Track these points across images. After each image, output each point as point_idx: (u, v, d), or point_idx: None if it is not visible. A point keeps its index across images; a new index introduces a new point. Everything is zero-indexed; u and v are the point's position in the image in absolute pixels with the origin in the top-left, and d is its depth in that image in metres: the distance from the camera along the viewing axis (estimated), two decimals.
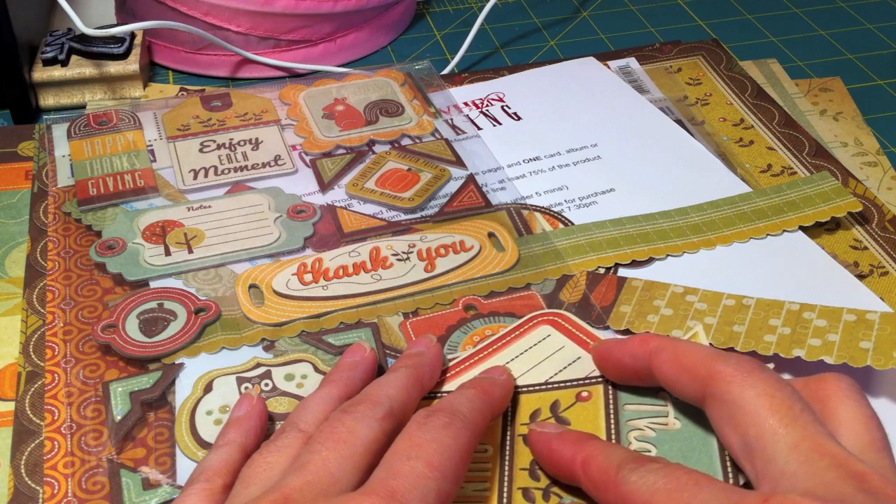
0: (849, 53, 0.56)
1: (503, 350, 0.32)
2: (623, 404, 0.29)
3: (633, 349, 0.28)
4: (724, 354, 0.26)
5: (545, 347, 0.32)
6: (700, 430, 0.27)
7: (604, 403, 0.29)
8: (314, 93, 0.49)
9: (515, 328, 0.33)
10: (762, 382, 0.24)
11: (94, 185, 0.42)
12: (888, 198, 0.44)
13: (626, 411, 0.28)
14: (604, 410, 0.29)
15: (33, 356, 0.34)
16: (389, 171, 0.44)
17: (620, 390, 0.29)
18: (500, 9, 0.61)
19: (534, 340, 0.32)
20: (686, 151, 0.46)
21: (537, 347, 0.32)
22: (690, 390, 0.26)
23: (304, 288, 0.37)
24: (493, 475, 0.27)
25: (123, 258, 0.38)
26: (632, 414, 0.28)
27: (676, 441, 0.27)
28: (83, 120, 0.46)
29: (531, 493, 0.27)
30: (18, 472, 0.31)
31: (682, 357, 0.26)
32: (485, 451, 0.28)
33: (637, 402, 0.29)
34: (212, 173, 0.43)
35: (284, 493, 0.23)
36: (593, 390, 0.29)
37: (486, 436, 0.29)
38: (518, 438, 0.28)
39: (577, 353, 0.32)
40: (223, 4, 0.51)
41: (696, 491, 0.22)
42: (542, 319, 0.33)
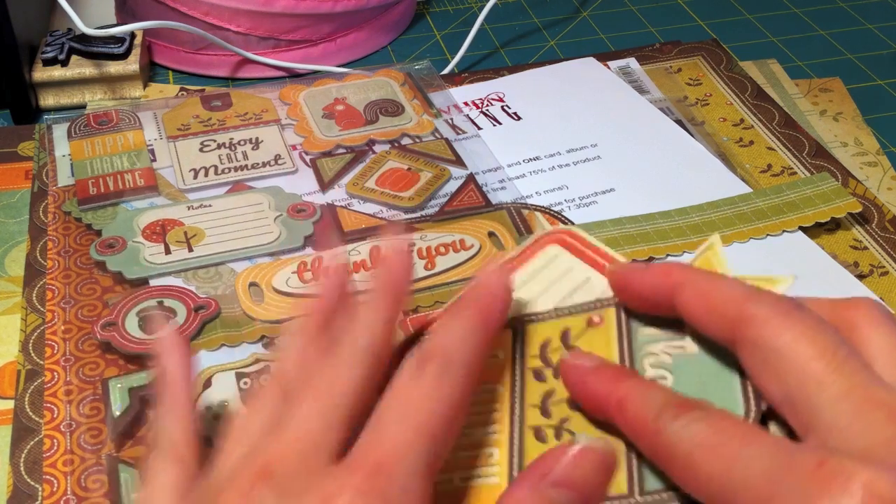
0: (849, 53, 0.56)
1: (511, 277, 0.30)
2: (636, 328, 0.27)
3: (654, 281, 0.25)
4: (756, 292, 0.23)
5: (553, 270, 0.29)
6: (719, 355, 0.25)
7: (616, 328, 0.27)
8: (314, 92, 0.49)
9: (522, 252, 0.30)
10: (801, 324, 0.21)
11: (94, 184, 0.42)
12: (888, 198, 0.44)
13: (639, 336, 0.26)
14: (616, 336, 0.26)
15: (33, 354, 0.34)
16: (389, 171, 0.44)
17: (633, 313, 0.27)
18: (500, 9, 0.61)
19: (540, 263, 0.30)
20: (686, 151, 0.46)
21: (545, 271, 0.30)
22: (720, 332, 0.23)
23: (305, 286, 0.37)
24: (502, 416, 0.26)
25: (123, 257, 0.38)
26: (646, 338, 0.26)
27: (694, 367, 0.25)
28: (83, 120, 0.46)
29: (543, 431, 0.25)
30: (18, 470, 0.31)
31: (710, 295, 0.23)
32: (494, 391, 0.27)
33: (651, 325, 0.26)
34: (212, 173, 0.43)
35: (264, 462, 0.22)
36: (605, 314, 0.27)
37: (495, 374, 0.27)
38: (529, 373, 0.27)
39: (586, 273, 0.29)
40: (223, 4, 0.51)
41: (742, 446, 0.20)
42: (550, 238, 0.30)
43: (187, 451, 0.25)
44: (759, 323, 0.22)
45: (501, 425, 0.26)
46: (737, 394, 0.24)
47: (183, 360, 0.27)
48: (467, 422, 0.26)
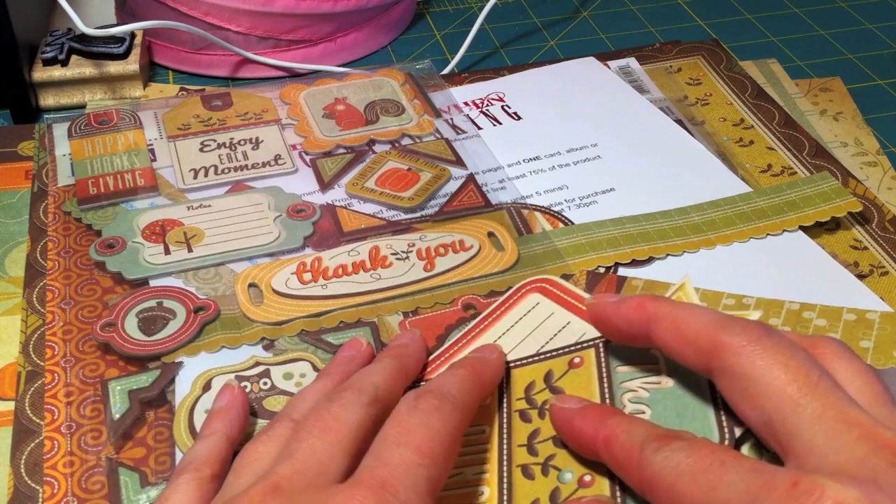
0: (849, 53, 0.56)
1: (494, 325, 0.32)
2: (615, 367, 0.28)
3: (629, 314, 0.26)
4: (728, 321, 0.24)
5: (534, 317, 0.32)
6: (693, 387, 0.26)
7: (596, 368, 0.28)
8: (314, 92, 0.49)
9: (504, 301, 0.33)
10: (774, 350, 0.23)
11: (94, 184, 0.42)
12: (888, 198, 0.44)
13: (618, 374, 0.28)
14: (596, 375, 0.28)
15: (33, 356, 0.34)
16: (389, 171, 0.44)
17: (612, 352, 0.29)
18: (500, 9, 0.61)
19: (523, 311, 0.32)
20: (686, 151, 0.46)
21: (527, 318, 0.32)
22: (696, 362, 0.24)
23: (304, 287, 0.37)
24: (491, 455, 0.27)
25: (123, 257, 0.38)
26: (624, 376, 0.28)
27: (670, 400, 0.26)
28: (84, 119, 0.46)
29: (530, 469, 0.26)
30: (18, 472, 0.31)
31: (684, 327, 0.24)
32: (482, 433, 0.28)
33: (628, 363, 0.28)
34: (212, 172, 0.43)
35: (274, 481, 0.23)
36: (585, 355, 0.29)
37: (482, 417, 0.28)
38: (515, 415, 0.28)
39: (566, 318, 0.31)
40: (223, 4, 0.51)
41: (721, 472, 0.21)
42: (530, 288, 0.33)
43: (207, 469, 0.27)
44: (734, 351, 0.23)
45: (491, 465, 0.27)
46: (711, 422, 0.25)
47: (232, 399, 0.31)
48: (458, 462, 0.27)
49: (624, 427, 0.24)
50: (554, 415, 0.27)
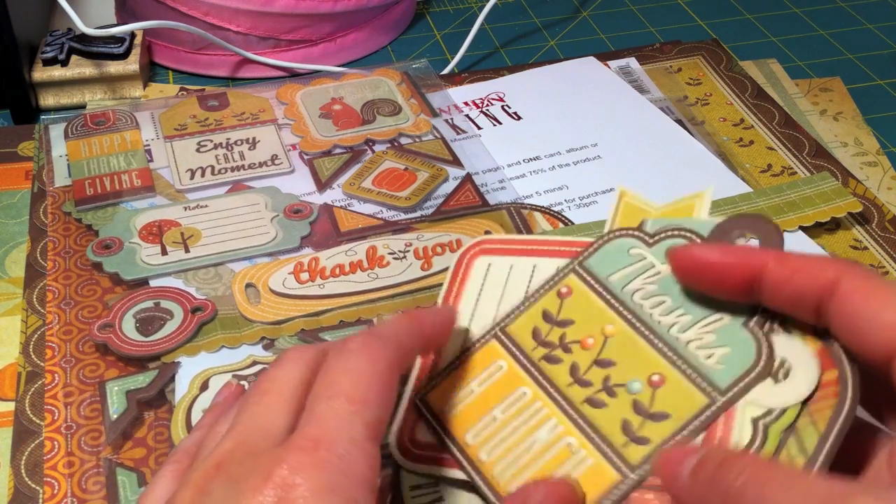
0: (849, 53, 0.56)
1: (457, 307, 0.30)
2: (606, 278, 0.27)
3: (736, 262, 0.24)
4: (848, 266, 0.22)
5: (496, 277, 0.30)
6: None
7: (588, 287, 0.28)
8: (311, 92, 0.49)
9: (452, 281, 0.30)
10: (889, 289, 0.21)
11: (90, 184, 0.42)
12: (888, 198, 0.44)
13: (612, 282, 0.27)
14: (593, 293, 0.27)
15: (33, 356, 0.35)
16: (386, 171, 0.44)
17: (593, 268, 0.28)
18: (500, 9, 0.61)
19: (479, 279, 0.30)
20: (686, 151, 0.46)
21: (489, 283, 0.30)
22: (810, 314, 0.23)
23: (301, 287, 0.37)
24: (550, 408, 0.26)
25: (120, 258, 0.38)
26: (620, 281, 0.27)
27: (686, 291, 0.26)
28: (80, 120, 0.46)
29: (595, 399, 0.26)
30: (18, 473, 0.31)
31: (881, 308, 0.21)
32: (524, 395, 0.27)
33: (615, 269, 0.27)
34: (209, 173, 0.43)
35: (217, 459, 0.23)
36: (568, 283, 0.28)
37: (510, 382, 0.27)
38: (542, 363, 0.27)
39: (528, 264, 0.29)
40: (223, 4, 0.51)
41: None
42: (472, 255, 0.30)
43: (187, 461, 0.27)
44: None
45: (557, 416, 0.26)
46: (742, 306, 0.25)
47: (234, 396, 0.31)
48: (524, 431, 0.26)
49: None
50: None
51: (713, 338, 0.25)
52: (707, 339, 0.25)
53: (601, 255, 0.28)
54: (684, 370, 0.25)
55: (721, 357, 0.25)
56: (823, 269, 0.22)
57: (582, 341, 0.27)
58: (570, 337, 0.27)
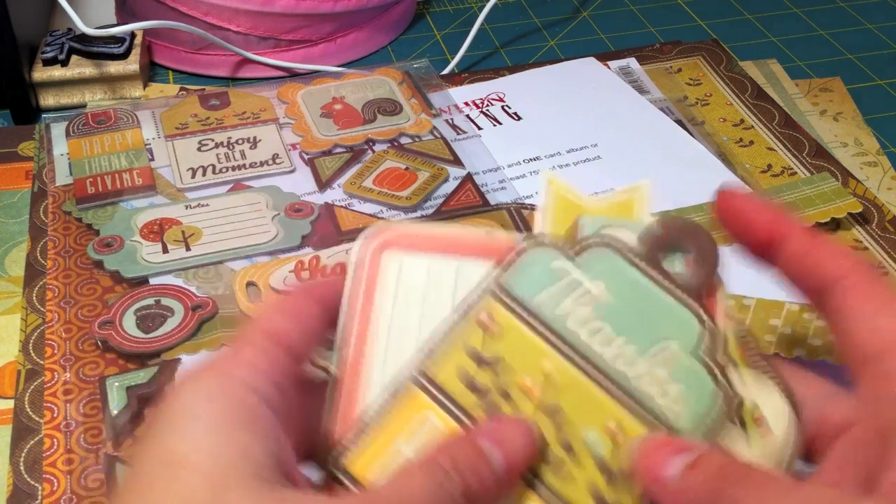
0: (849, 53, 0.56)
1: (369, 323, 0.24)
2: (529, 301, 0.23)
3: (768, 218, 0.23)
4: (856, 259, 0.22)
5: (412, 285, 0.24)
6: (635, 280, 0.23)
7: (511, 314, 0.23)
8: (312, 91, 0.49)
9: (356, 279, 0.24)
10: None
11: (92, 183, 0.42)
12: (888, 198, 0.44)
13: (539, 305, 0.23)
14: (520, 321, 0.23)
15: (33, 354, 0.35)
16: (387, 170, 0.44)
17: (510, 287, 0.23)
18: (500, 9, 0.61)
19: (391, 285, 0.24)
20: (686, 151, 0.46)
21: (403, 291, 0.24)
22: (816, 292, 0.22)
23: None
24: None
25: (121, 255, 0.38)
26: (549, 302, 0.23)
27: (618, 306, 0.23)
28: (82, 118, 0.47)
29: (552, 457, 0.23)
30: (18, 470, 0.31)
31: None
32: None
33: (541, 287, 0.23)
34: (210, 172, 0.43)
35: None
36: (488, 310, 0.23)
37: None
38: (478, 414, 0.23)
39: (449, 268, 0.24)
40: (223, 4, 0.51)
41: None
42: (378, 245, 0.24)
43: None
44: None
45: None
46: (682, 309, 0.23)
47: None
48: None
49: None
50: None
51: (664, 373, 0.23)
52: (658, 373, 0.23)
53: (520, 272, 0.24)
54: (641, 414, 0.22)
55: (676, 396, 0.22)
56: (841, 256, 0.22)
57: (520, 384, 0.23)
58: (504, 379, 0.23)
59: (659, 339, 0.23)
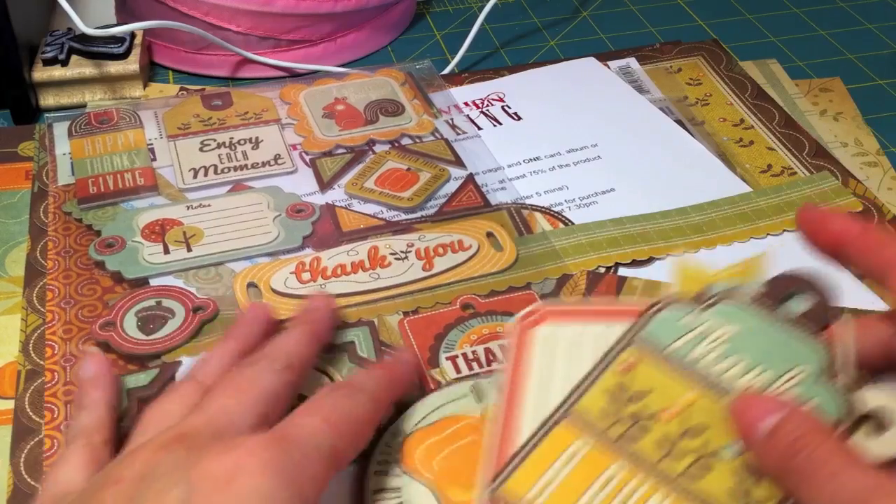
0: (849, 53, 0.56)
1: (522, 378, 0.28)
2: (667, 347, 0.27)
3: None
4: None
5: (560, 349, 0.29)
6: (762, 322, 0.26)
7: (653, 358, 0.27)
8: (314, 92, 0.49)
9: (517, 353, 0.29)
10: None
11: (94, 183, 0.42)
12: (888, 198, 0.44)
13: (674, 351, 0.27)
14: (661, 363, 0.27)
15: (33, 355, 0.35)
16: (389, 171, 0.44)
17: (652, 336, 0.27)
18: (500, 9, 0.61)
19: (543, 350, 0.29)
20: (686, 151, 0.46)
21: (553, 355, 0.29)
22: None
23: (303, 287, 0.37)
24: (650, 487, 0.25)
25: (122, 256, 0.38)
26: (685, 348, 0.27)
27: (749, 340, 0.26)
28: (84, 118, 0.46)
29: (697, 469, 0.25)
30: (18, 470, 0.31)
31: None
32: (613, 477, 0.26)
33: (674, 337, 0.27)
34: (212, 172, 0.43)
35: (181, 431, 0.24)
36: (630, 356, 0.27)
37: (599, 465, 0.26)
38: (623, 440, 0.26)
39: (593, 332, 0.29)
40: (223, 4, 0.51)
41: None
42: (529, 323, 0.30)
43: (97, 436, 0.28)
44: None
45: (661, 493, 0.25)
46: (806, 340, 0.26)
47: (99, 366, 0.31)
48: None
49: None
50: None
51: (798, 392, 0.25)
52: (793, 393, 0.25)
53: (656, 326, 0.28)
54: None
55: (812, 411, 0.25)
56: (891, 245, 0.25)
57: (661, 413, 0.26)
58: (647, 410, 0.26)
59: (791, 365, 0.26)
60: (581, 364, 0.28)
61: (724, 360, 0.26)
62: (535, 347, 0.29)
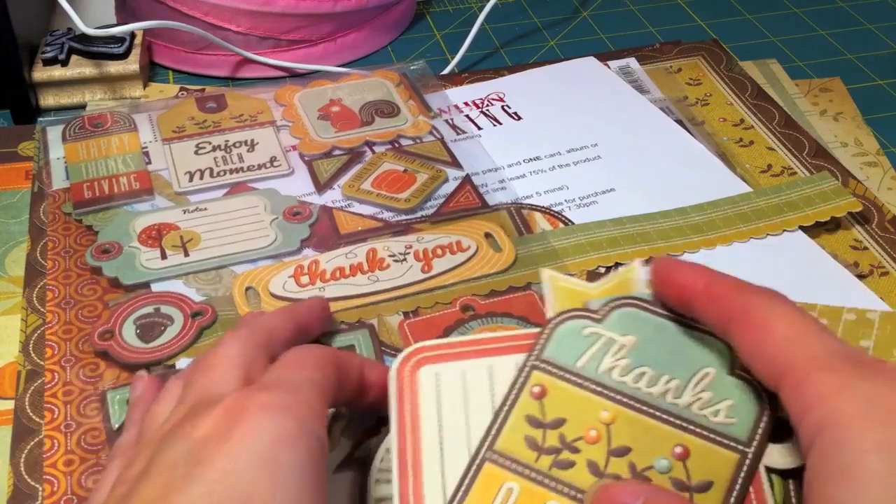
0: (849, 53, 0.56)
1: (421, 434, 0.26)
2: (573, 365, 0.26)
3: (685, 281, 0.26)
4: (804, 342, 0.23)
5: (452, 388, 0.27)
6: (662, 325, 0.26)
7: (561, 380, 0.26)
8: (309, 94, 0.49)
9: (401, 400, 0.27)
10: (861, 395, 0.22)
11: (89, 187, 0.42)
12: (888, 198, 0.44)
13: (582, 367, 0.26)
14: (569, 384, 0.26)
15: (33, 355, 0.35)
16: (386, 173, 0.44)
17: (552, 357, 0.26)
18: (500, 9, 0.61)
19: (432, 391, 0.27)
20: (686, 151, 0.46)
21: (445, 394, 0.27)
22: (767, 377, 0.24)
23: (301, 290, 0.37)
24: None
25: (119, 262, 0.38)
26: (591, 365, 0.26)
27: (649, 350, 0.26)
28: (78, 122, 0.46)
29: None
30: (18, 471, 0.31)
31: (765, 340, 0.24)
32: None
33: (579, 352, 0.26)
34: (207, 175, 0.43)
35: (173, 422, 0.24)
36: (536, 381, 0.26)
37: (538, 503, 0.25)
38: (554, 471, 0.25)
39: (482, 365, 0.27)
40: (223, 4, 0.51)
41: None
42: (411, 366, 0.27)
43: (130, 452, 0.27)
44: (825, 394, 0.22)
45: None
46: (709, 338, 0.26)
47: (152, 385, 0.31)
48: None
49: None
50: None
51: (710, 395, 0.25)
52: (705, 397, 0.25)
53: (557, 343, 0.27)
54: (701, 433, 0.25)
55: (728, 411, 0.25)
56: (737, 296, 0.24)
57: (584, 436, 0.25)
58: (569, 436, 0.25)
59: (697, 368, 0.26)
60: (481, 399, 0.26)
61: (632, 371, 0.26)
62: (422, 389, 0.27)
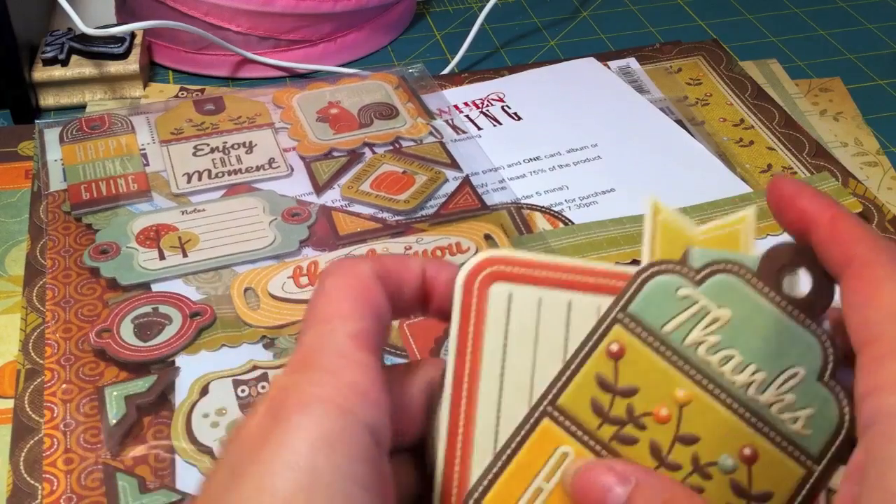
0: (849, 53, 0.56)
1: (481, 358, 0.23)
2: (660, 329, 0.23)
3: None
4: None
5: (523, 318, 0.23)
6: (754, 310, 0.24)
7: (643, 343, 0.23)
8: (308, 96, 0.49)
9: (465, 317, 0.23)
10: None
11: (87, 189, 0.42)
12: (888, 198, 0.44)
13: (669, 336, 0.23)
14: (651, 349, 0.23)
15: (32, 354, 0.35)
16: (384, 174, 0.44)
17: (639, 315, 0.24)
18: (500, 9, 0.61)
19: (501, 318, 0.23)
20: (686, 151, 0.46)
21: (515, 324, 0.23)
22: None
23: (300, 291, 0.37)
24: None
25: (117, 263, 0.38)
26: (678, 334, 0.23)
27: (744, 331, 0.23)
28: (76, 124, 0.46)
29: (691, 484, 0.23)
30: (18, 469, 0.31)
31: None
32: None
33: (667, 317, 0.24)
34: (205, 177, 0.43)
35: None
36: (617, 338, 0.23)
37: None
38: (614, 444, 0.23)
39: (561, 300, 0.24)
40: (223, 4, 0.51)
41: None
42: (483, 278, 0.23)
43: None
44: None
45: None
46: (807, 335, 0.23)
47: None
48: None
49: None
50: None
51: (793, 398, 0.23)
52: (788, 399, 0.23)
53: (646, 299, 0.24)
54: (775, 439, 0.23)
55: (807, 420, 0.23)
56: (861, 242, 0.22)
57: (654, 413, 0.23)
58: (638, 409, 0.23)
59: (787, 365, 0.24)
60: (554, 340, 0.23)
61: (720, 351, 0.23)
62: (491, 310, 0.23)
